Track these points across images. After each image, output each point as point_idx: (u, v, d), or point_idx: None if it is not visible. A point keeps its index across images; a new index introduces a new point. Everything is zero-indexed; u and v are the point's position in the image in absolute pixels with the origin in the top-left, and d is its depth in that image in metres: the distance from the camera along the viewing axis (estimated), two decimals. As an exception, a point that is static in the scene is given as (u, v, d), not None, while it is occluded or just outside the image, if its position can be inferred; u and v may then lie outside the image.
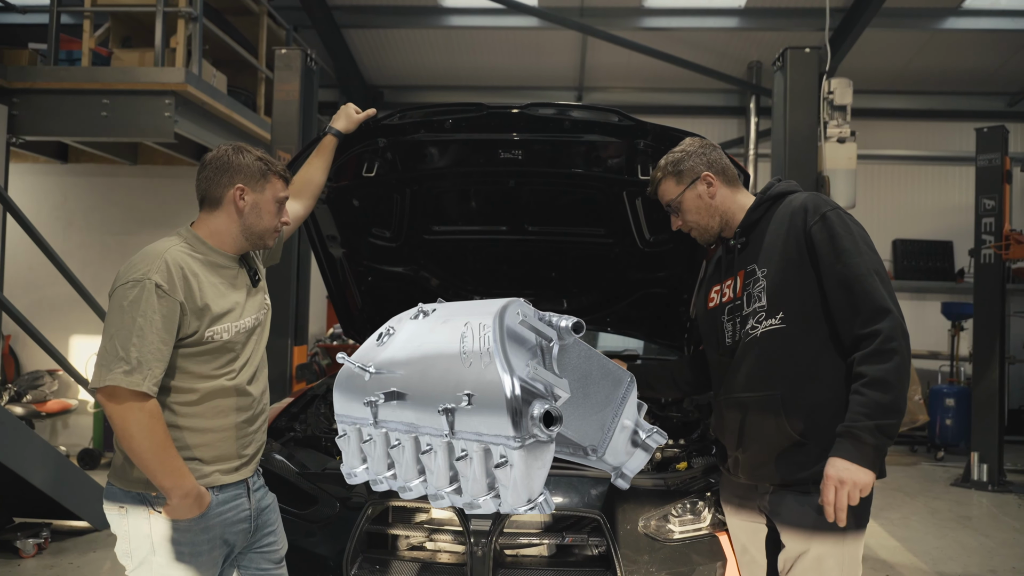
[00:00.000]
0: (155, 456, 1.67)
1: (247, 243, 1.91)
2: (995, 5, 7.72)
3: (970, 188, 8.38)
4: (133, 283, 1.68)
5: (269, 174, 1.88)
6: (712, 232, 2.02)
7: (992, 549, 4.62)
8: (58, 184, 7.13)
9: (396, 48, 9.19)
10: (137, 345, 1.64)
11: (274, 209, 1.91)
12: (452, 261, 3.28)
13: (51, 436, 6.75)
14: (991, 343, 6.24)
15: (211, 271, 1.83)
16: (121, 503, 1.77)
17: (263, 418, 1.98)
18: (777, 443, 1.82)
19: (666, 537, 2.15)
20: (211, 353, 1.79)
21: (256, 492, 1.96)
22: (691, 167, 1.98)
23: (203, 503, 1.76)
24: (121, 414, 1.65)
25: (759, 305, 1.86)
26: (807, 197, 1.88)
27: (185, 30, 5.36)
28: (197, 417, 1.79)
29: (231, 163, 1.85)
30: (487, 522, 2.08)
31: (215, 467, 1.82)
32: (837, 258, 1.76)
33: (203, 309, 1.76)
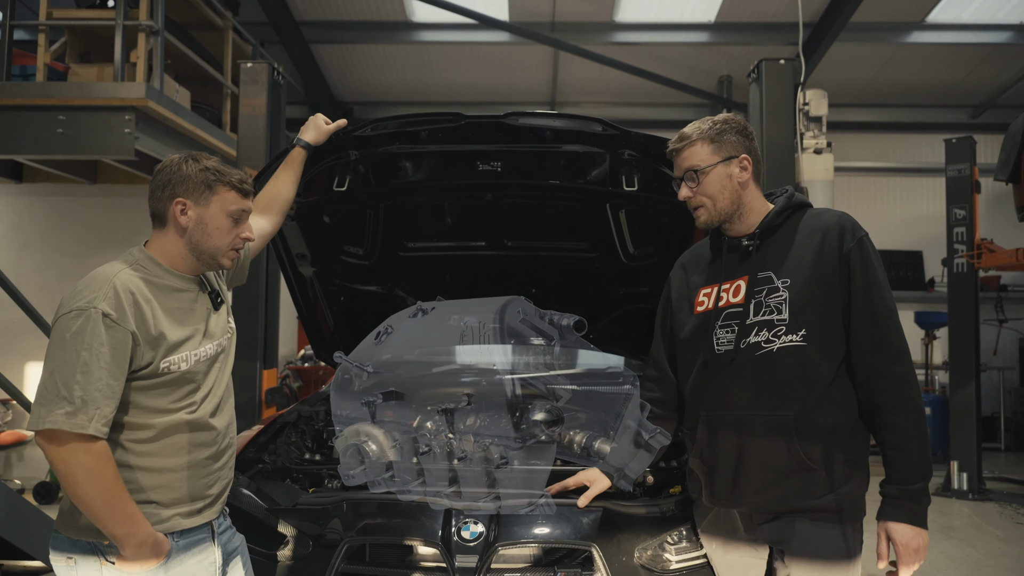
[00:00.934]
0: (104, 503, 1.49)
1: (199, 263, 1.72)
2: (958, 19, 7.89)
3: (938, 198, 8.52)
4: (77, 312, 1.51)
5: (217, 184, 1.67)
6: (723, 216, 1.86)
7: (979, 560, 4.58)
8: (12, 205, 6.84)
9: (366, 64, 9.08)
10: (81, 383, 1.47)
11: (225, 225, 1.70)
12: (428, 278, 3.15)
13: (5, 469, 6.41)
14: (967, 352, 6.27)
15: (166, 295, 1.66)
16: (69, 554, 1.59)
17: (229, 453, 1.82)
18: (784, 467, 1.72)
19: (663, 568, 2.02)
20: (168, 385, 1.62)
21: (222, 535, 1.79)
22: (733, 143, 1.84)
23: (161, 551, 1.58)
24: (63, 458, 1.47)
25: (778, 318, 1.75)
26: (840, 216, 1.82)
27: (146, 44, 5.18)
28: (154, 456, 1.61)
29: (173, 176, 1.67)
30: (473, 558, 1.94)
31: (174, 510, 1.64)
32: (868, 288, 1.72)
33: (157, 338, 1.59)
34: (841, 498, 1.73)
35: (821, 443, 1.71)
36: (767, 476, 1.75)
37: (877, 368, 1.70)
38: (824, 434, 1.71)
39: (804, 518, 1.73)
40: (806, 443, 1.70)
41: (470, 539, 1.97)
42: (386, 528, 2.05)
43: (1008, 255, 6.04)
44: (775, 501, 1.75)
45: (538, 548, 2.06)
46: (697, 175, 1.85)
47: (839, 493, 1.73)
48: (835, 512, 1.73)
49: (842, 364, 1.74)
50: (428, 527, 2.00)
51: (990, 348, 8.32)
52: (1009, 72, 8.79)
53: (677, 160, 1.90)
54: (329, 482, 2.45)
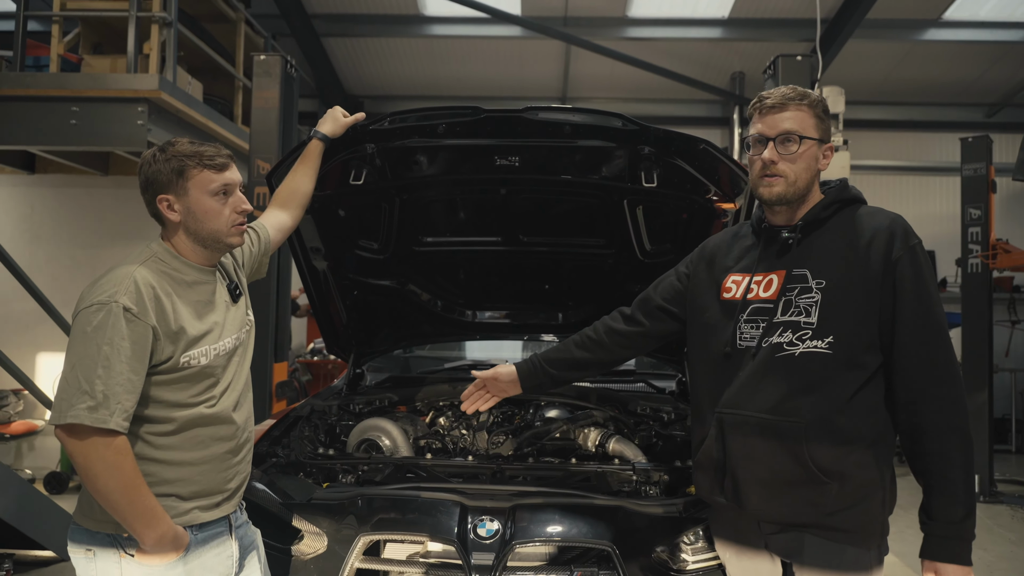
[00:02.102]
0: (124, 497, 1.50)
1: (208, 251, 1.72)
2: (975, 17, 7.80)
3: (951, 198, 8.45)
4: (98, 306, 1.51)
5: (186, 170, 1.64)
6: (797, 196, 1.71)
7: (991, 563, 4.54)
8: (24, 195, 6.86)
9: (377, 58, 9.06)
10: (103, 377, 1.47)
11: (212, 205, 1.66)
12: (442, 274, 3.13)
13: (15, 459, 6.45)
14: (979, 353, 6.21)
15: (186, 289, 1.67)
16: (88, 546, 1.59)
17: (248, 447, 1.82)
18: (792, 477, 1.63)
19: (680, 568, 2.00)
20: (188, 380, 1.63)
21: (239, 528, 1.79)
22: (828, 128, 1.74)
23: (180, 544, 1.59)
24: (83, 452, 1.48)
25: (805, 320, 1.64)
26: (893, 218, 1.68)
27: (159, 36, 5.17)
28: (174, 449, 1.63)
29: (148, 174, 1.66)
30: (490, 556, 1.92)
31: (193, 503, 1.65)
32: (920, 301, 1.60)
33: (178, 332, 1.60)
34: (856, 517, 1.62)
35: (835, 456, 1.61)
36: (775, 484, 1.66)
37: (925, 390, 1.59)
38: (840, 447, 1.60)
39: (814, 534, 1.65)
40: (818, 454, 1.61)
41: (486, 536, 1.96)
42: (402, 524, 2.03)
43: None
44: (782, 512, 1.67)
45: (554, 546, 2.05)
46: (797, 139, 1.68)
47: (854, 511, 1.62)
48: (849, 532, 1.63)
49: (872, 379, 1.63)
50: (444, 524, 1.99)
51: (1002, 350, 8.24)
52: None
53: (772, 117, 1.70)
54: (343, 477, 2.45)
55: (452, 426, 2.92)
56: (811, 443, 1.61)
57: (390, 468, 2.46)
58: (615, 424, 2.84)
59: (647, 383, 3.35)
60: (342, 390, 3.18)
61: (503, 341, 3.81)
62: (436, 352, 4.05)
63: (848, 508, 1.62)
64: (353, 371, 3.26)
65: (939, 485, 1.57)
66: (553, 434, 2.73)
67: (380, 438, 2.66)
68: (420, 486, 2.24)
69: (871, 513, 1.64)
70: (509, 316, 3.32)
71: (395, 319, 3.27)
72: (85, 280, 1.59)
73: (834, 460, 1.60)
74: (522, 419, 2.94)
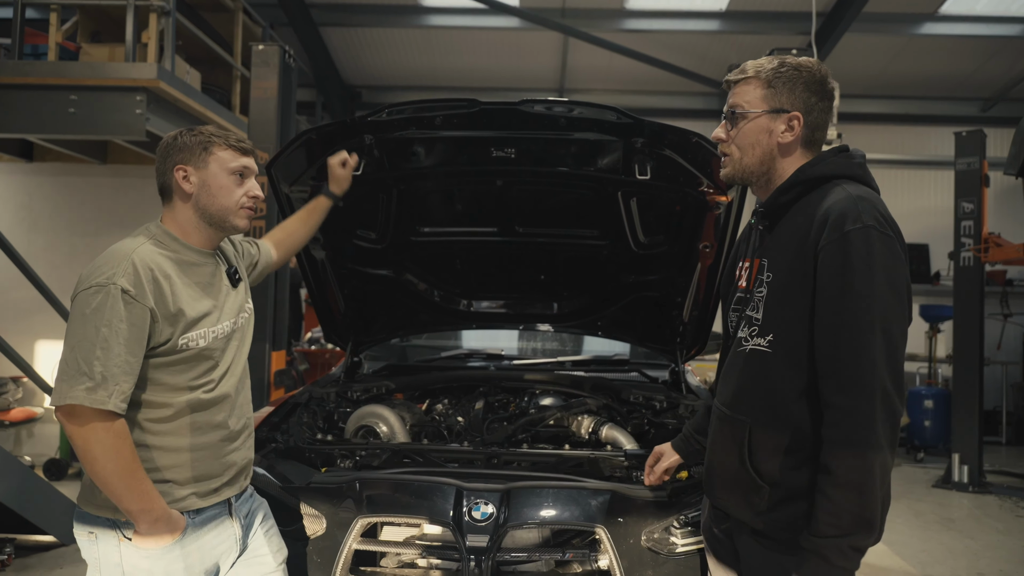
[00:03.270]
0: (120, 480, 1.52)
1: (212, 230, 1.73)
2: (971, 11, 7.83)
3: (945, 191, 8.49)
4: (96, 288, 1.52)
5: (212, 145, 1.68)
6: (746, 175, 1.60)
7: (977, 552, 4.62)
8: (23, 184, 6.86)
9: (375, 48, 9.05)
10: (101, 359, 1.48)
11: (228, 183, 1.69)
12: (439, 263, 3.17)
13: (15, 446, 6.48)
14: (971, 345, 6.29)
15: (184, 271, 1.67)
16: (90, 528, 1.62)
17: (247, 433, 1.84)
18: (734, 473, 1.58)
19: (669, 551, 2.06)
20: (186, 362, 1.64)
21: (241, 506, 1.81)
22: (789, 93, 1.53)
23: (176, 528, 1.61)
24: (83, 435, 1.49)
25: (755, 316, 1.56)
26: (843, 199, 1.44)
27: (157, 25, 5.18)
28: (170, 435, 1.64)
29: (170, 146, 1.70)
30: (484, 538, 1.98)
31: (190, 489, 1.66)
32: (839, 294, 1.39)
33: (176, 314, 1.60)
34: (783, 524, 1.50)
35: (771, 458, 1.50)
36: (725, 478, 1.62)
37: (827, 398, 1.40)
38: (776, 449, 1.50)
39: (749, 535, 1.58)
40: (755, 455, 1.53)
41: (481, 519, 2.01)
42: (398, 507, 2.09)
43: (1016, 250, 6.04)
44: (728, 507, 1.63)
45: (547, 529, 2.11)
46: (736, 117, 1.58)
47: (782, 517, 1.50)
48: (777, 540, 1.52)
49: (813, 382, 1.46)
50: (440, 507, 2.04)
51: (994, 342, 8.32)
52: (1021, 65, 8.74)
53: (730, 90, 1.62)
54: (341, 462, 2.50)
55: (448, 413, 2.97)
56: (751, 442, 1.54)
57: (387, 453, 2.51)
58: (608, 412, 2.89)
59: (640, 372, 3.41)
60: (340, 378, 3.22)
61: (499, 330, 3.86)
62: (433, 341, 4.09)
63: (775, 513, 1.51)
64: (351, 359, 3.31)
65: (818, 500, 1.40)
66: (547, 421, 2.78)
67: (377, 424, 2.71)
68: (417, 471, 2.29)
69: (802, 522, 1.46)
70: (505, 306, 3.37)
71: (392, 308, 3.31)
72: (83, 268, 1.62)
73: (769, 463, 1.51)
74: (517, 407, 2.99)
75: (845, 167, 1.54)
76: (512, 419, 2.83)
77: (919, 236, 9.46)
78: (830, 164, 1.54)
